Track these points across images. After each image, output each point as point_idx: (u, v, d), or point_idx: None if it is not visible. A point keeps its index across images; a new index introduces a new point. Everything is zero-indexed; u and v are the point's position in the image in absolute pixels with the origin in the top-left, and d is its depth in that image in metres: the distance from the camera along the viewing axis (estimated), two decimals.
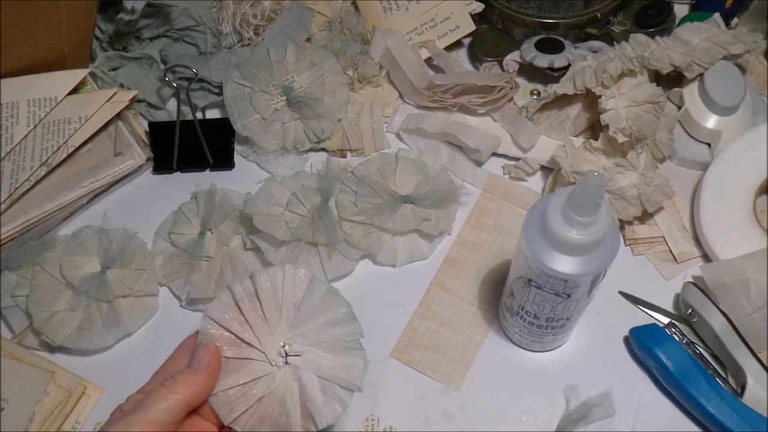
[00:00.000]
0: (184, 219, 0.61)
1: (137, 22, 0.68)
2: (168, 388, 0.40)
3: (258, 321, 0.43)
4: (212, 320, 0.44)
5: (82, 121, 0.63)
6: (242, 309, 0.43)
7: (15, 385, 0.52)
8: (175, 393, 0.40)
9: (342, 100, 0.68)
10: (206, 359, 0.42)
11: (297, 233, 0.58)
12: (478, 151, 0.64)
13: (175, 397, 0.40)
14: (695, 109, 0.64)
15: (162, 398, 0.40)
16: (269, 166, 0.65)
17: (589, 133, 0.66)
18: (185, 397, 0.40)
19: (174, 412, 0.40)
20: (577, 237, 0.41)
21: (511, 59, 0.69)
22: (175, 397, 0.40)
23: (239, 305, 0.43)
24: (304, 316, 0.44)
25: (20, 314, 0.57)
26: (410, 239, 0.61)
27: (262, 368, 0.43)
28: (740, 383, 0.53)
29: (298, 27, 0.72)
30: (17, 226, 0.60)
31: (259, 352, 0.43)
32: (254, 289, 0.44)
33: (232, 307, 0.44)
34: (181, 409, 0.40)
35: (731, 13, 0.72)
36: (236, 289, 0.44)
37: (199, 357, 0.42)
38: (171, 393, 0.40)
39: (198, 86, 0.69)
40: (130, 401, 0.42)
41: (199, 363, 0.41)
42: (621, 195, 0.59)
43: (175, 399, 0.40)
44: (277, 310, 0.44)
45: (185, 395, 0.40)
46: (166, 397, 0.40)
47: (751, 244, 0.58)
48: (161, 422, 0.39)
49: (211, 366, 0.42)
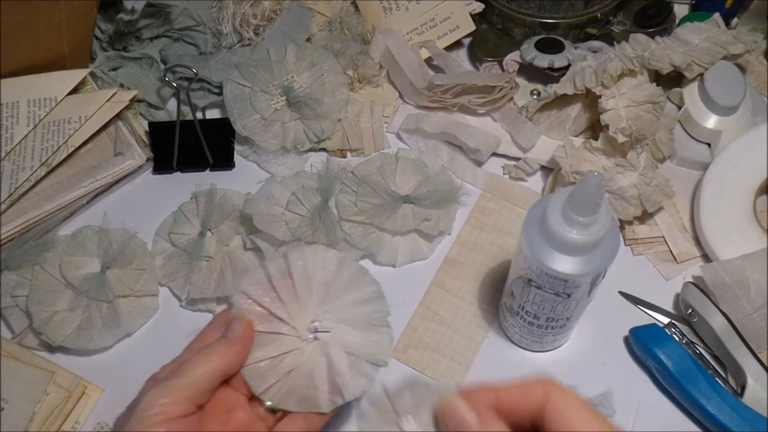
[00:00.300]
0: (184, 219, 0.61)
1: (137, 22, 0.68)
2: (204, 356, 0.41)
3: (290, 298, 0.45)
4: (246, 295, 0.45)
5: (82, 121, 0.63)
6: (275, 286, 0.45)
7: (15, 385, 0.52)
8: (211, 361, 0.41)
9: (342, 100, 0.68)
10: (240, 331, 0.43)
11: (297, 233, 0.58)
12: (478, 151, 0.64)
13: (210, 365, 0.41)
14: (695, 109, 0.64)
15: (198, 365, 0.41)
16: (269, 166, 0.65)
17: (589, 133, 0.66)
18: (220, 365, 0.41)
19: (210, 380, 0.41)
20: (577, 237, 0.41)
21: (511, 59, 0.69)
22: (211, 365, 0.41)
23: (272, 282, 0.45)
24: (334, 293, 0.46)
25: (20, 314, 0.57)
26: (410, 239, 0.61)
27: (292, 343, 0.45)
28: (740, 383, 0.53)
29: (298, 27, 0.72)
30: (17, 226, 0.60)
31: (289, 328, 0.45)
32: (287, 268, 0.45)
33: (266, 284, 0.45)
34: (217, 376, 0.41)
35: (731, 13, 0.72)
36: (270, 267, 0.45)
37: (233, 328, 0.43)
38: (207, 361, 0.41)
39: (198, 86, 0.69)
40: (165, 370, 0.43)
41: (234, 334, 0.43)
42: (621, 195, 0.59)
43: (211, 367, 0.41)
44: (309, 288, 0.45)
45: (220, 364, 0.41)
46: (202, 365, 0.41)
47: (751, 244, 0.58)
48: (197, 389, 0.40)
49: (245, 338, 0.43)
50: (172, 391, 0.39)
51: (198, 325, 0.58)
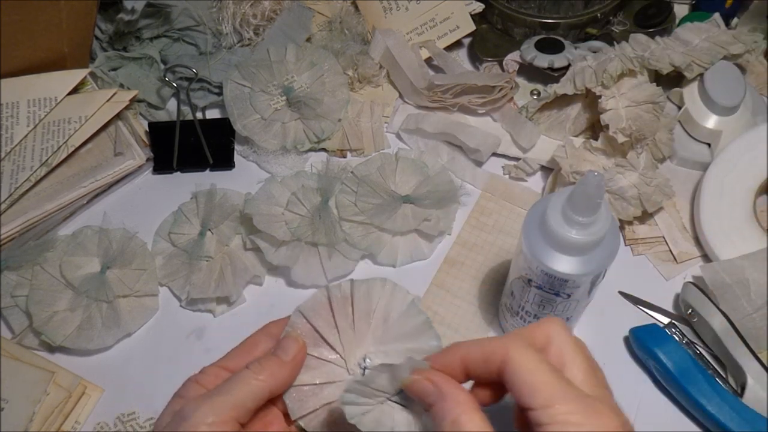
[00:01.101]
0: (184, 219, 0.61)
1: (137, 22, 0.68)
2: (255, 373, 0.39)
3: (346, 327, 0.43)
4: (303, 315, 0.43)
5: (82, 121, 0.63)
6: (334, 311, 0.43)
7: (15, 385, 0.52)
8: (261, 380, 0.39)
9: (342, 100, 0.68)
10: (293, 352, 0.41)
11: (297, 233, 0.58)
12: (478, 151, 0.64)
13: (260, 384, 0.39)
14: (695, 109, 0.64)
15: (247, 382, 0.39)
16: (269, 166, 0.65)
17: (589, 133, 0.66)
18: (269, 385, 0.40)
19: (257, 399, 0.39)
20: (577, 237, 0.41)
21: (511, 59, 0.69)
22: (261, 384, 0.39)
23: (332, 306, 0.43)
24: (393, 336, 0.43)
25: (20, 314, 0.57)
26: (410, 239, 0.61)
27: (339, 374, 0.43)
28: (740, 383, 0.53)
29: (298, 27, 0.72)
30: (17, 226, 0.60)
31: (339, 358, 0.43)
32: (350, 295, 0.43)
33: (325, 307, 0.43)
34: (264, 396, 0.40)
35: (731, 13, 0.72)
36: (333, 292, 0.43)
37: (286, 348, 0.41)
38: (256, 379, 0.39)
39: (198, 86, 0.69)
40: (209, 374, 0.41)
41: (286, 354, 0.41)
42: (621, 195, 0.59)
43: (260, 386, 0.39)
44: (367, 321, 0.43)
45: (270, 384, 0.40)
46: (251, 383, 0.39)
47: (751, 244, 0.58)
48: (244, 408, 0.39)
49: (297, 360, 0.41)
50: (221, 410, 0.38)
51: (198, 325, 0.58)
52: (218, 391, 0.39)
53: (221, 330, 0.58)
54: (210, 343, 0.57)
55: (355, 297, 0.43)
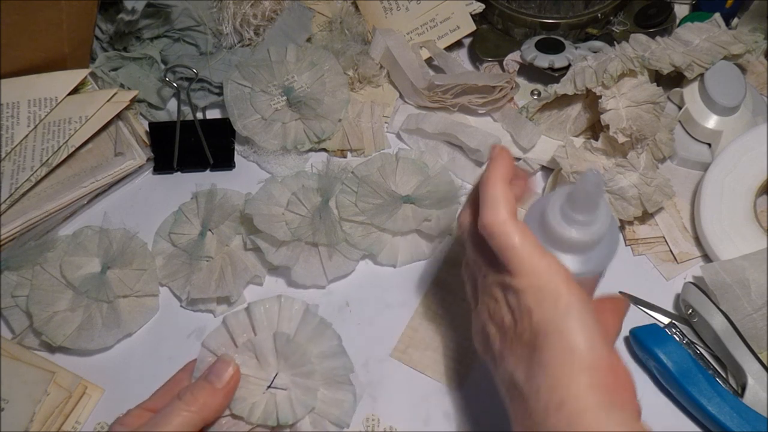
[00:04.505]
0: (185, 219, 0.61)
1: (138, 22, 0.68)
2: (187, 404, 0.38)
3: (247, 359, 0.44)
4: (207, 349, 0.44)
5: (82, 121, 0.63)
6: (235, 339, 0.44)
7: (15, 385, 0.52)
8: (192, 411, 0.38)
9: (342, 100, 0.68)
10: (227, 377, 0.40)
11: (297, 233, 0.58)
12: (479, 151, 0.64)
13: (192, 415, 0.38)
14: (695, 109, 0.64)
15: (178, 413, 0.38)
16: (269, 166, 0.65)
17: (589, 133, 0.66)
18: (202, 416, 0.38)
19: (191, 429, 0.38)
20: (577, 236, 0.41)
21: (512, 59, 0.69)
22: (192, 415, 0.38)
23: (234, 338, 0.44)
24: (297, 346, 0.45)
25: (20, 314, 0.57)
26: (411, 239, 0.61)
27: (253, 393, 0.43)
28: (740, 383, 0.53)
29: (299, 27, 0.72)
30: (18, 226, 0.60)
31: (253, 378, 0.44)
32: (250, 321, 0.45)
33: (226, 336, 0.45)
34: (197, 426, 0.38)
35: (731, 13, 0.72)
36: (230, 322, 0.44)
37: (219, 373, 0.40)
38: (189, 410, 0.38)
39: (198, 86, 0.69)
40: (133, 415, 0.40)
41: (220, 380, 0.40)
42: (621, 195, 0.59)
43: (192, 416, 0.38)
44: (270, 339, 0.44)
45: (203, 415, 0.38)
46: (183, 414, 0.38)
47: (751, 244, 0.58)
48: None
49: (230, 385, 0.40)
50: None
51: (198, 325, 0.58)
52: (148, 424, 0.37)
53: None
54: None
55: (255, 321, 0.45)
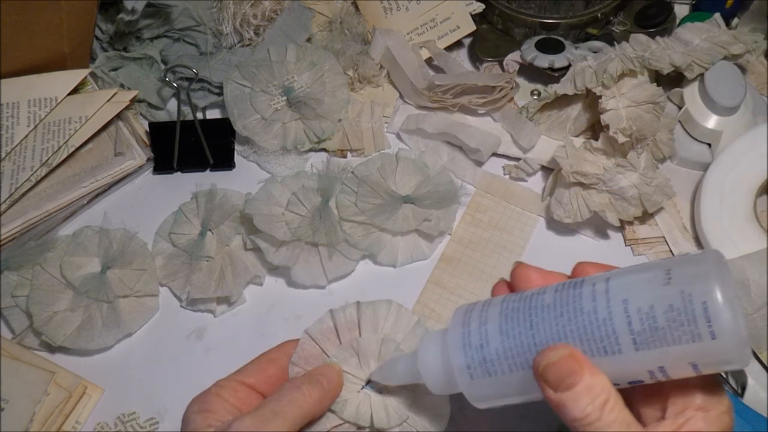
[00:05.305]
0: (185, 219, 0.61)
1: (138, 23, 0.68)
2: (307, 395, 0.39)
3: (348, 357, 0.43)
4: (312, 338, 0.43)
5: (82, 121, 0.63)
6: (340, 334, 0.44)
7: (15, 385, 0.52)
8: (311, 402, 0.39)
9: (342, 100, 0.68)
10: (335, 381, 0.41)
11: (297, 233, 0.58)
12: (479, 151, 0.64)
13: (311, 408, 0.39)
14: (696, 110, 0.64)
15: (300, 405, 0.39)
16: (269, 166, 0.65)
17: (589, 133, 0.66)
18: (318, 409, 0.40)
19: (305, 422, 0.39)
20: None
21: (512, 59, 0.69)
22: (312, 409, 0.39)
23: (338, 330, 0.44)
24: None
25: (20, 314, 0.57)
26: (411, 239, 0.61)
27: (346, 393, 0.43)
28: (740, 383, 0.53)
29: (299, 27, 0.72)
30: (18, 226, 0.60)
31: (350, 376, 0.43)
32: (358, 320, 0.44)
33: (332, 330, 0.44)
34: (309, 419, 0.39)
35: (731, 13, 0.72)
36: (338, 315, 0.44)
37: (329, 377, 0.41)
38: (307, 402, 0.39)
39: (198, 86, 0.69)
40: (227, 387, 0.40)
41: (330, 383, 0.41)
42: (621, 195, 0.59)
43: (312, 410, 0.39)
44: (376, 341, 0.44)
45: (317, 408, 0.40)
46: (304, 406, 0.39)
47: (751, 244, 0.58)
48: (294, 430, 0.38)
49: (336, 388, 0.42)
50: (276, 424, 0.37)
51: (198, 325, 0.58)
52: (270, 416, 0.37)
53: (221, 330, 0.58)
54: (210, 343, 0.58)
55: (362, 320, 0.44)
